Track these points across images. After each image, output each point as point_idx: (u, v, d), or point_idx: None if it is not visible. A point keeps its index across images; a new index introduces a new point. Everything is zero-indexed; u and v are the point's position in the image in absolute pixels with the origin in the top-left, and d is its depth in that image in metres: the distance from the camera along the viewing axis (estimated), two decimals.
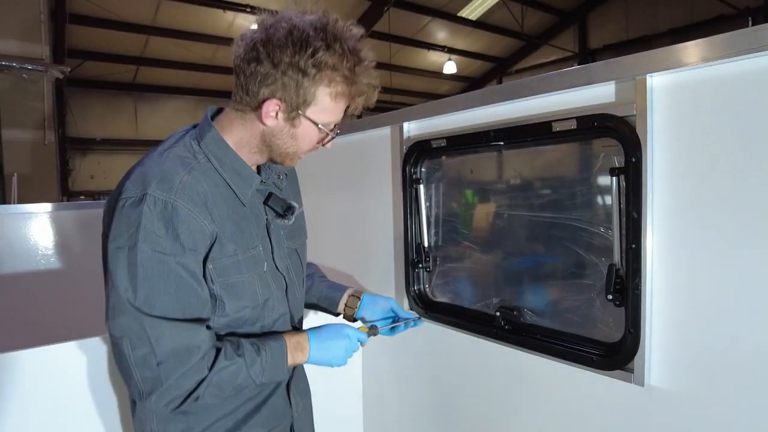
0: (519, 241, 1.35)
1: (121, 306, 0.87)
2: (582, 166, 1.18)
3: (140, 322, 0.86)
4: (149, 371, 0.87)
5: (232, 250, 0.96)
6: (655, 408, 0.98)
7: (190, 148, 0.96)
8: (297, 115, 0.93)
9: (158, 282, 0.87)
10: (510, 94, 1.21)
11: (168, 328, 0.87)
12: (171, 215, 0.87)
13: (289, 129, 0.95)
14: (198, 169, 0.94)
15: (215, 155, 0.97)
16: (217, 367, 0.91)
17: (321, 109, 0.94)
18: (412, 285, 1.55)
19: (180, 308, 0.89)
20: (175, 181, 0.89)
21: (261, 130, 0.96)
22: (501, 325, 1.30)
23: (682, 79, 0.91)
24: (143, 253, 0.85)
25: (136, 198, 0.87)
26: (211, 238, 0.92)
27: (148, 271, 0.86)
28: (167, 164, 0.92)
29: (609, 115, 1.00)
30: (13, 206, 2.74)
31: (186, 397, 0.90)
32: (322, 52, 0.88)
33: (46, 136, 6.70)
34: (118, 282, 0.86)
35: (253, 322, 1.02)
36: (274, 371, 0.99)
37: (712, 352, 0.90)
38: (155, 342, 0.86)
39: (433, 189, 1.54)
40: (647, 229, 0.96)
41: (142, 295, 0.86)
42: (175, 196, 0.88)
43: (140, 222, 0.85)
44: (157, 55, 10.23)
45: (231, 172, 0.98)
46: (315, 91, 0.91)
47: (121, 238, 0.87)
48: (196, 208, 0.90)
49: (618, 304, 1.02)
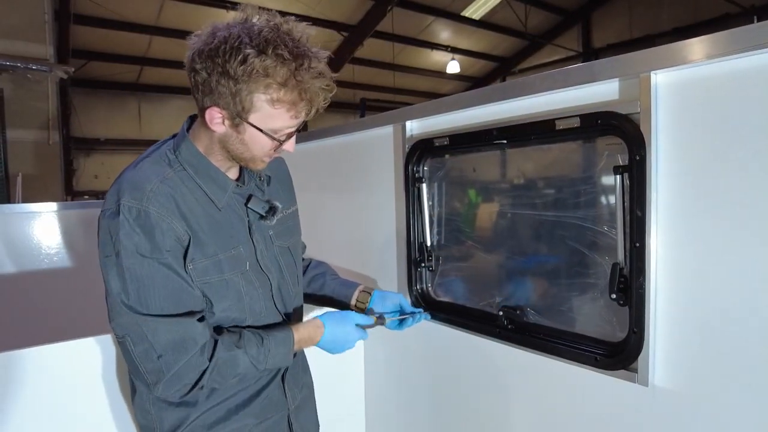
0: (522, 239, 1.35)
1: (117, 308, 0.93)
2: (585, 164, 1.17)
3: (136, 321, 0.92)
4: (151, 364, 0.94)
5: (211, 251, 1.00)
6: (660, 408, 0.98)
7: (166, 158, 1.01)
8: (240, 122, 0.94)
9: (147, 283, 0.92)
10: (513, 92, 1.21)
11: (162, 323, 0.93)
12: (144, 221, 0.92)
13: (237, 135, 0.96)
14: (172, 177, 0.98)
15: (190, 164, 1.01)
16: (216, 356, 0.96)
17: (264, 116, 0.93)
18: (415, 284, 1.55)
19: (171, 304, 0.94)
20: (146, 188, 0.94)
21: (217, 137, 0.99)
22: (504, 325, 1.30)
23: (686, 76, 0.90)
24: (127, 259, 0.91)
25: (113, 209, 0.93)
26: (185, 240, 0.96)
27: (135, 274, 0.92)
28: (139, 174, 0.97)
29: (613, 113, 0.99)
30: (18, 205, 2.76)
31: (192, 386, 0.96)
32: (252, 59, 0.87)
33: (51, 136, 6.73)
34: (112, 286, 0.93)
35: (242, 320, 1.06)
36: (276, 359, 1.04)
37: (717, 351, 0.89)
38: (152, 337, 0.92)
39: (436, 188, 1.54)
40: (651, 228, 0.95)
41: (134, 296, 0.92)
42: (147, 202, 0.93)
43: (119, 230, 0.91)
44: (160, 55, 10.25)
45: (206, 178, 1.01)
46: (251, 99, 0.91)
47: (107, 247, 0.93)
48: (168, 212, 0.94)
49: (622, 303, 1.02)
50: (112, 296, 0.94)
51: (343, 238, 1.90)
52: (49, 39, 6.61)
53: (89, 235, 2.71)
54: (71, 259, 2.70)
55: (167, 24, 9.28)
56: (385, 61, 11.66)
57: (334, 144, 1.92)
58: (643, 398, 0.99)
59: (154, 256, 0.93)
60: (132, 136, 11.42)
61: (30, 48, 6.29)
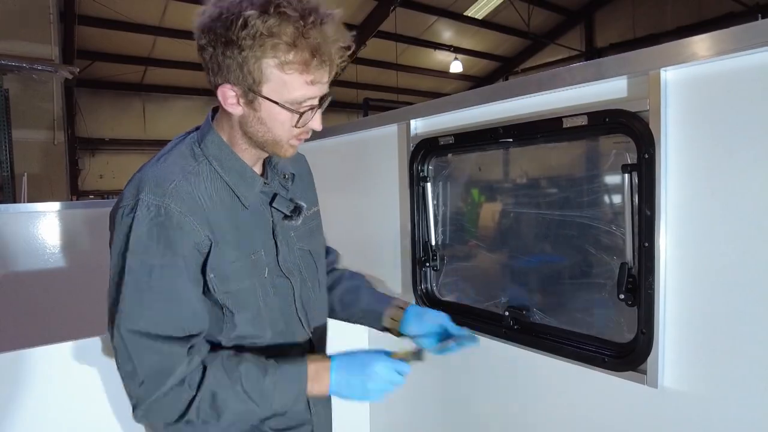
0: (528, 239, 1.34)
1: (111, 316, 0.85)
2: (593, 163, 1.16)
3: (124, 337, 0.84)
4: (135, 387, 0.85)
5: (233, 256, 0.91)
6: (670, 411, 0.96)
7: (191, 152, 0.92)
8: (254, 97, 0.85)
9: (145, 294, 0.84)
10: (519, 90, 1.20)
11: (148, 345, 0.84)
12: (163, 220, 0.84)
13: (254, 114, 0.87)
14: (197, 174, 0.90)
15: (216, 158, 0.92)
16: (205, 387, 0.85)
17: (277, 85, 0.83)
18: (420, 283, 1.54)
19: (166, 321, 0.85)
20: (168, 185, 0.86)
21: (237, 122, 0.90)
22: (510, 325, 1.29)
23: (696, 73, 0.89)
24: (132, 263, 0.83)
25: (130, 205, 0.85)
26: (207, 243, 0.88)
27: (134, 282, 0.83)
28: (162, 169, 0.89)
29: (621, 110, 0.98)
30: (23, 205, 2.78)
31: (178, 417, 0.86)
32: (254, 21, 0.78)
33: (56, 136, 6.75)
34: (111, 292, 0.86)
35: (261, 336, 0.96)
36: (284, 399, 0.89)
37: (727, 352, 0.88)
38: (137, 360, 0.84)
39: (441, 187, 1.53)
40: (660, 227, 0.94)
41: (127, 307, 0.84)
42: (169, 199, 0.85)
43: (131, 229, 0.83)
44: (165, 55, 10.28)
45: (233, 173, 0.93)
46: (260, 66, 0.81)
47: (117, 247, 0.85)
48: (190, 211, 0.86)
49: (630, 303, 1.01)
50: (109, 301, 0.86)
51: (347, 237, 1.89)
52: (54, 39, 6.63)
53: (94, 235, 2.73)
54: (76, 258, 2.71)
55: (171, 24, 9.30)
56: (388, 61, 11.65)
57: (339, 143, 1.91)
58: (653, 400, 0.98)
59: (165, 261, 0.84)
60: (136, 136, 11.46)
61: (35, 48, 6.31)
